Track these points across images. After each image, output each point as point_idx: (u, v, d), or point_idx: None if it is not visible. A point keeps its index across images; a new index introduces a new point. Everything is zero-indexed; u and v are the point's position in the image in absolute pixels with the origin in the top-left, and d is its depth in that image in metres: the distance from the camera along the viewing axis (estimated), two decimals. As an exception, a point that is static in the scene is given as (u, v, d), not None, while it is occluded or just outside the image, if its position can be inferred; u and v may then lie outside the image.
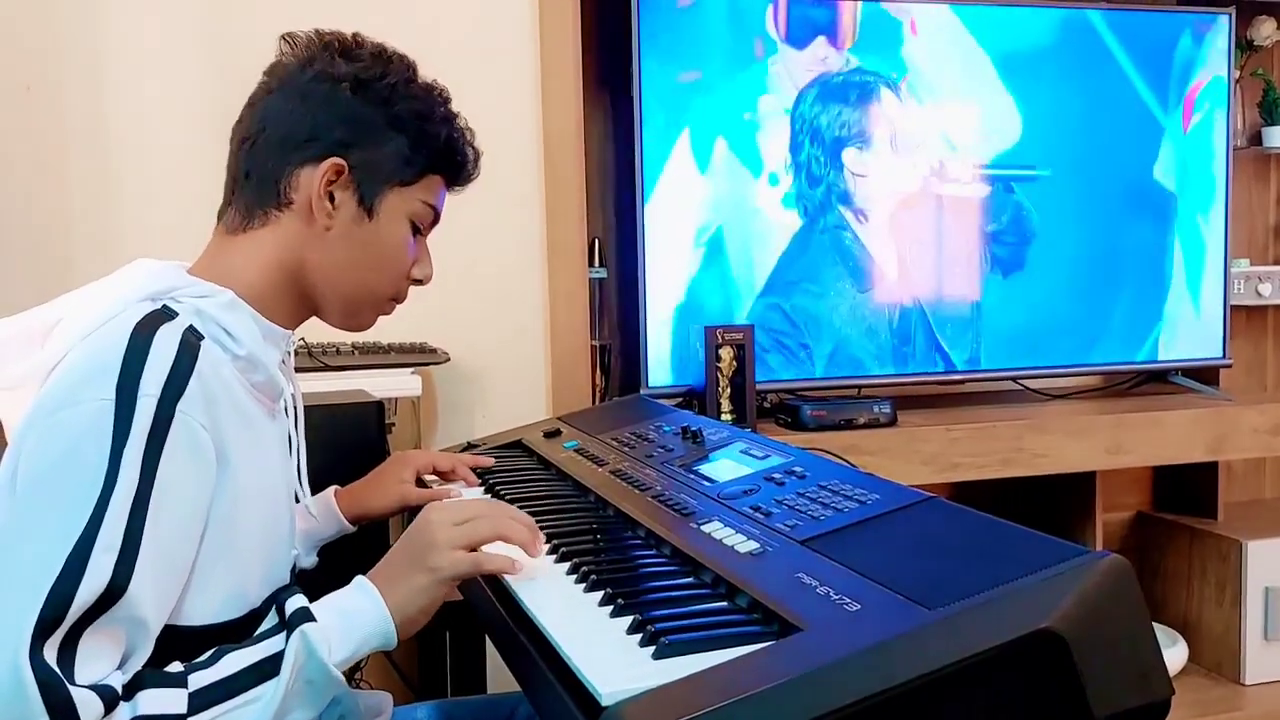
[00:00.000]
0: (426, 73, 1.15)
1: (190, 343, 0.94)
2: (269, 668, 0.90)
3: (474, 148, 1.16)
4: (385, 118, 1.07)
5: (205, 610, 0.95)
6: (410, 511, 1.51)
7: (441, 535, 1.02)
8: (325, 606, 0.97)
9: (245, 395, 1.01)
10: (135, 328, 0.92)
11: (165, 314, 0.96)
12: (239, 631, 0.97)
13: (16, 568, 0.83)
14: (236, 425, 0.97)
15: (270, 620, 0.98)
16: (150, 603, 0.87)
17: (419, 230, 1.13)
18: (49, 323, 1.00)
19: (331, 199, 1.06)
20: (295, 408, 1.15)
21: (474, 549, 1.03)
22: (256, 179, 1.06)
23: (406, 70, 1.11)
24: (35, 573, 0.82)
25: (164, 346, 0.92)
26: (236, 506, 0.96)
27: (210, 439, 0.93)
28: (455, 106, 1.15)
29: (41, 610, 0.80)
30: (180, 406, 0.90)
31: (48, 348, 0.97)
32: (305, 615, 0.94)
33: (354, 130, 1.06)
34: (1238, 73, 2.79)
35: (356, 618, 0.97)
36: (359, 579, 1.01)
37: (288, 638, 0.92)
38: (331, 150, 1.05)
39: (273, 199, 1.06)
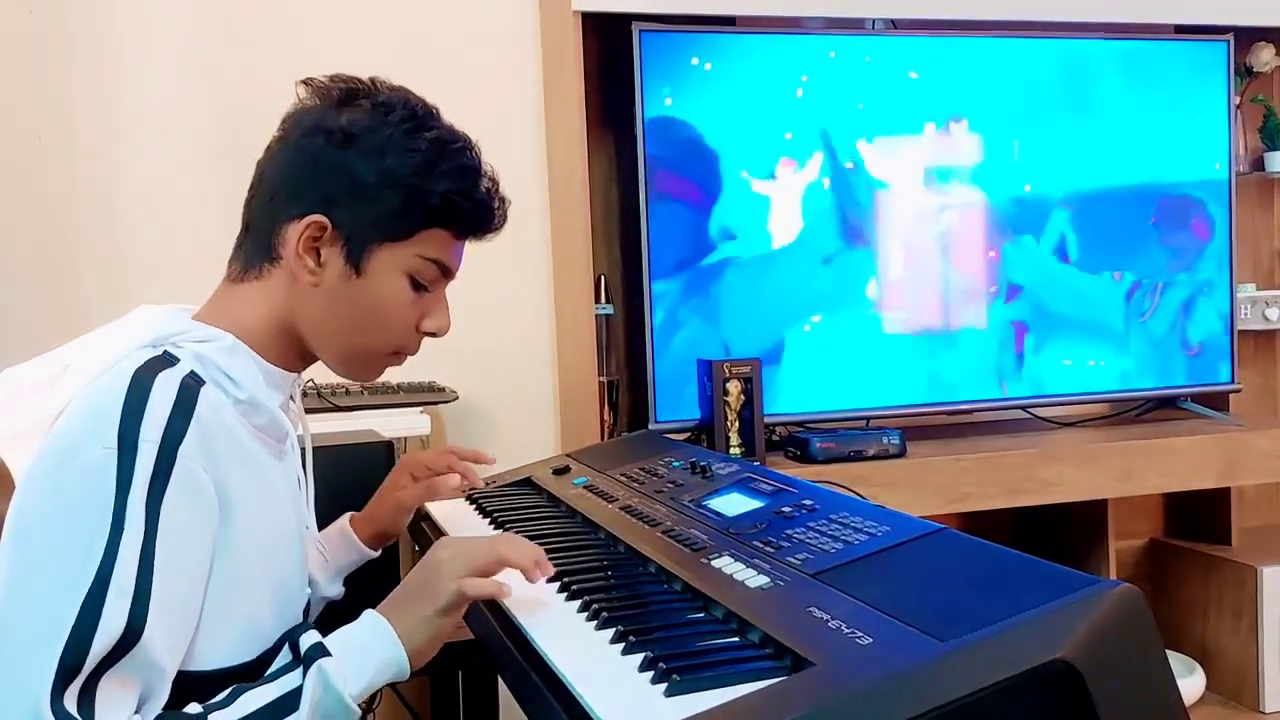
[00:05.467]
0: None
1: (189, 387, 0.95)
2: (287, 704, 0.91)
3: (491, 198, 1.09)
4: (376, 173, 1.02)
5: (219, 653, 0.95)
6: (419, 519, 1.53)
7: (445, 566, 1.02)
8: (338, 641, 0.97)
9: (248, 437, 1.02)
10: (135, 375, 0.93)
11: (165, 360, 0.96)
12: (254, 673, 0.97)
13: (31, 618, 0.84)
14: (239, 467, 0.98)
15: (284, 658, 0.98)
16: (164, 647, 0.87)
17: (422, 286, 1.08)
18: (57, 369, 1.01)
19: (317, 255, 1.04)
20: (304, 447, 1.15)
21: (477, 577, 1.03)
22: (254, 232, 1.06)
23: (412, 120, 1.05)
24: (51, 622, 0.83)
25: (163, 393, 0.92)
26: (243, 547, 0.97)
27: (211, 482, 0.93)
28: (478, 155, 1.08)
29: (60, 658, 0.81)
30: (181, 451, 0.90)
31: (55, 394, 0.98)
32: (321, 650, 0.94)
33: (339, 187, 1.03)
34: (1238, 99, 2.80)
35: (369, 650, 0.97)
36: (368, 612, 1.01)
37: (304, 674, 0.93)
38: (315, 207, 1.03)
39: (266, 253, 1.05)
